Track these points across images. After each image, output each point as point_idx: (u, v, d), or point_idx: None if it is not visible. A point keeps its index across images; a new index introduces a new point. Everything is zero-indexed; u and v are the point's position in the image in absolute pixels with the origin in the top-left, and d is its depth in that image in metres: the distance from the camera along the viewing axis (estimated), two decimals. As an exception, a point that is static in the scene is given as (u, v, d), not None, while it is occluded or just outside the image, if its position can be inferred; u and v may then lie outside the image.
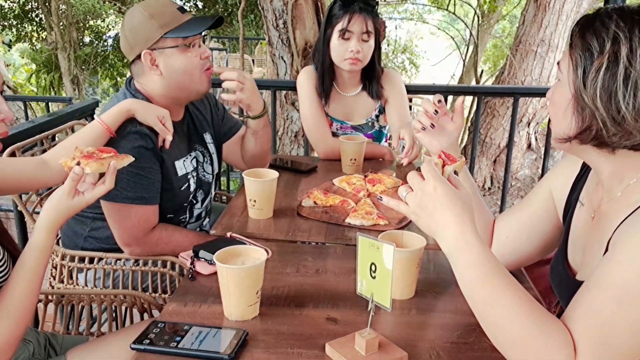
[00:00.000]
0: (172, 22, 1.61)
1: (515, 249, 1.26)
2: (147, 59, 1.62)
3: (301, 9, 3.52)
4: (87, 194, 1.19)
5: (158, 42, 1.61)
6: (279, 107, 3.67)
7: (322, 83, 2.22)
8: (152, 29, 1.60)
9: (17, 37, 11.70)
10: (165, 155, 1.66)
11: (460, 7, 10.11)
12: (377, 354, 0.97)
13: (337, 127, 2.30)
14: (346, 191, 1.82)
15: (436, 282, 1.27)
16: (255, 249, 1.15)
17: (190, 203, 1.79)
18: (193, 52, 1.65)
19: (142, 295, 1.56)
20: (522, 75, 5.24)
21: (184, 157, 1.75)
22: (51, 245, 1.18)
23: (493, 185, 5.67)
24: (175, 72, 1.64)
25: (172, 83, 1.66)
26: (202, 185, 1.83)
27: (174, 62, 1.63)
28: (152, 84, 1.68)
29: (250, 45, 11.52)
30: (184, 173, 1.73)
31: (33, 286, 1.14)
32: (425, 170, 0.97)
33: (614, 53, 0.88)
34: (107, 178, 1.20)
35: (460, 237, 0.92)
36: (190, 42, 1.63)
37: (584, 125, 0.93)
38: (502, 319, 0.89)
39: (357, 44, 2.09)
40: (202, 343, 1.00)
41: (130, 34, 1.64)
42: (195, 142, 1.83)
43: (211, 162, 1.89)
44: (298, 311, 1.13)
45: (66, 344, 1.40)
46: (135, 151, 1.54)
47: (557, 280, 1.16)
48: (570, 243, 1.13)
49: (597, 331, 0.84)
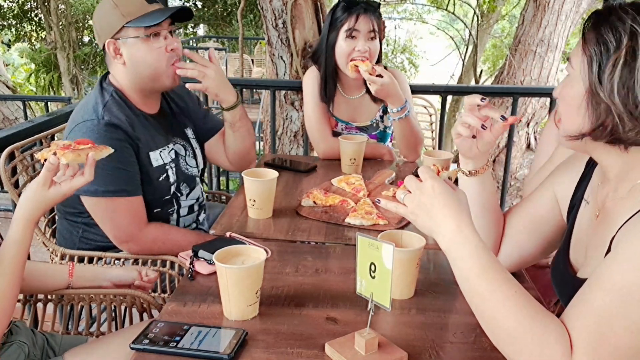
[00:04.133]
0: (136, 12, 1.61)
1: (520, 248, 1.26)
2: (111, 48, 1.64)
3: (300, 9, 3.51)
4: (64, 185, 1.17)
5: (121, 32, 1.62)
6: (278, 107, 3.66)
7: (326, 87, 2.23)
8: (115, 18, 1.61)
9: (16, 37, 11.69)
10: (140, 145, 1.66)
11: (459, 7, 10.11)
12: (376, 353, 0.97)
13: (341, 127, 2.30)
14: (345, 191, 1.82)
15: (436, 282, 1.27)
16: (255, 249, 1.15)
17: (174, 195, 1.78)
18: (157, 43, 1.64)
19: (141, 295, 1.56)
20: (522, 75, 5.24)
21: (160, 149, 1.74)
22: (29, 238, 1.16)
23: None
24: (137, 63, 1.64)
25: (135, 73, 1.66)
26: (186, 178, 1.82)
27: (137, 52, 1.63)
28: (119, 75, 1.69)
29: (249, 45, 11.52)
30: (161, 164, 1.72)
31: (13, 279, 1.11)
32: (423, 172, 0.99)
33: (631, 47, 0.87)
34: (86, 170, 1.18)
35: (457, 232, 0.93)
36: (152, 32, 1.63)
37: (599, 121, 0.92)
38: (497, 313, 0.89)
39: (364, 44, 2.10)
40: (201, 343, 1.00)
41: (97, 22, 1.67)
42: (174, 135, 1.83)
43: (194, 157, 1.89)
44: (298, 311, 1.13)
45: (65, 345, 1.40)
46: (108, 144, 1.56)
47: (558, 278, 1.15)
48: (573, 241, 1.13)
49: (595, 329, 0.84)
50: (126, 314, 1.70)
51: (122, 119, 1.63)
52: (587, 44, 0.92)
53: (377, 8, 2.17)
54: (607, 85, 0.89)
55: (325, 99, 2.24)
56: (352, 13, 2.10)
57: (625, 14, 0.89)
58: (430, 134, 3.84)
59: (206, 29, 13.83)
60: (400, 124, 2.12)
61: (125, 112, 1.66)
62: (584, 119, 0.94)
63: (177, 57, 1.69)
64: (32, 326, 1.61)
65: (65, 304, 1.58)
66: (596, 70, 0.90)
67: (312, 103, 2.24)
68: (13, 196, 1.82)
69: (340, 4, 2.15)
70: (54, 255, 1.76)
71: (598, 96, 0.90)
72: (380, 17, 2.18)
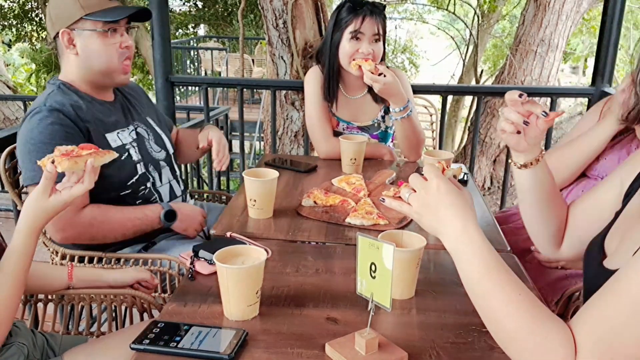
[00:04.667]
0: (96, 5, 1.65)
1: (581, 239, 1.20)
2: (65, 38, 1.66)
3: (301, 9, 3.51)
4: (64, 192, 1.16)
5: (78, 23, 1.64)
6: (279, 107, 3.67)
7: (329, 86, 2.23)
8: (75, 8, 1.64)
9: (17, 37, 11.69)
10: (91, 127, 1.66)
11: (460, 7, 10.11)
12: (377, 354, 0.97)
13: (343, 127, 2.31)
14: (346, 191, 1.82)
15: (436, 282, 1.27)
16: (255, 249, 1.15)
17: (143, 177, 1.77)
18: (112, 39, 1.67)
19: (141, 295, 1.56)
20: (522, 75, 5.24)
21: (118, 130, 1.75)
22: (32, 248, 1.15)
23: (493, 185, 5.67)
24: (90, 55, 1.67)
25: (87, 65, 1.69)
26: (151, 160, 1.82)
27: (91, 45, 1.66)
28: (69, 66, 1.71)
29: (250, 45, 11.52)
30: (120, 144, 1.73)
31: (14, 290, 1.11)
32: (428, 171, 0.98)
33: None
34: (85, 177, 1.17)
35: (463, 232, 0.93)
36: (109, 27, 1.66)
37: None
38: (501, 313, 0.89)
39: (368, 46, 2.11)
40: (202, 343, 1.00)
41: (53, 10, 1.68)
42: (134, 120, 1.85)
43: (160, 142, 1.90)
44: (298, 311, 1.13)
45: (65, 345, 1.40)
46: (48, 129, 1.58)
47: (587, 260, 1.11)
48: (614, 227, 1.08)
49: (603, 337, 0.82)
50: (126, 314, 1.70)
51: (66, 103, 1.65)
52: None
53: (383, 10, 2.17)
54: None
55: (329, 98, 2.24)
56: (358, 15, 2.10)
57: None
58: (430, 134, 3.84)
59: (207, 29, 13.84)
60: (403, 123, 2.12)
61: (71, 98, 1.68)
62: None
63: (129, 55, 1.73)
64: (32, 326, 1.60)
65: (66, 304, 1.58)
66: None
67: (313, 103, 2.25)
68: (13, 196, 1.82)
69: (345, 4, 2.14)
70: (54, 255, 1.76)
71: None
72: (385, 19, 2.19)
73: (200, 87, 4.32)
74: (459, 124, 9.50)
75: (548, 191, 1.20)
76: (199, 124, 4.01)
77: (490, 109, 5.38)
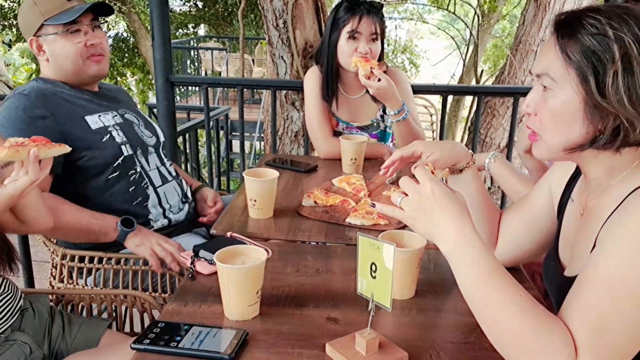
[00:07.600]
0: (54, 9, 1.66)
1: (517, 245, 1.27)
2: (34, 46, 1.70)
3: (301, 9, 3.51)
4: (9, 186, 1.11)
5: (41, 29, 1.67)
6: (279, 107, 3.67)
7: (328, 86, 2.23)
8: (34, 17, 1.67)
9: (17, 37, 11.69)
10: (69, 111, 1.67)
11: (460, 7, 10.11)
12: (377, 354, 0.97)
13: (342, 127, 2.31)
14: (346, 191, 1.82)
15: (436, 282, 1.27)
16: (256, 249, 1.15)
17: (130, 159, 1.75)
18: (76, 38, 1.69)
19: (142, 295, 1.56)
20: (522, 75, 5.23)
21: (100, 113, 1.76)
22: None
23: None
24: (58, 58, 1.70)
25: (59, 68, 1.73)
26: (141, 145, 1.81)
27: (56, 48, 1.69)
28: (46, 71, 1.75)
29: (250, 45, 11.52)
30: (102, 126, 1.73)
31: None
32: (421, 174, 0.96)
33: (624, 54, 0.85)
34: (30, 167, 1.11)
35: (461, 236, 0.92)
36: (71, 28, 1.67)
37: (604, 128, 0.90)
38: (502, 317, 0.89)
39: (365, 45, 2.11)
40: (202, 343, 1.00)
41: (20, 21, 1.74)
42: (119, 107, 1.86)
43: (151, 129, 1.91)
44: (298, 311, 1.13)
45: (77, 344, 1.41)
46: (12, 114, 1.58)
47: (548, 275, 1.17)
48: (561, 239, 1.14)
49: (593, 328, 0.84)
50: (126, 314, 1.70)
51: (41, 88, 1.67)
52: (570, 57, 0.90)
53: (380, 9, 2.17)
54: (614, 96, 0.87)
55: (327, 98, 2.24)
56: (355, 14, 2.10)
57: (596, 21, 0.87)
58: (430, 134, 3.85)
59: (207, 29, 13.84)
60: (399, 126, 2.12)
61: (47, 86, 1.70)
62: (581, 129, 0.92)
63: (102, 52, 1.74)
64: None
65: (66, 304, 1.58)
66: (594, 83, 0.88)
67: (313, 103, 2.25)
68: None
69: (342, 3, 2.15)
70: (54, 255, 1.76)
71: (600, 106, 0.88)
72: (383, 18, 2.18)
73: (201, 87, 4.32)
74: (459, 124, 9.51)
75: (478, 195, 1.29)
76: (200, 124, 4.01)
77: (490, 109, 5.38)
